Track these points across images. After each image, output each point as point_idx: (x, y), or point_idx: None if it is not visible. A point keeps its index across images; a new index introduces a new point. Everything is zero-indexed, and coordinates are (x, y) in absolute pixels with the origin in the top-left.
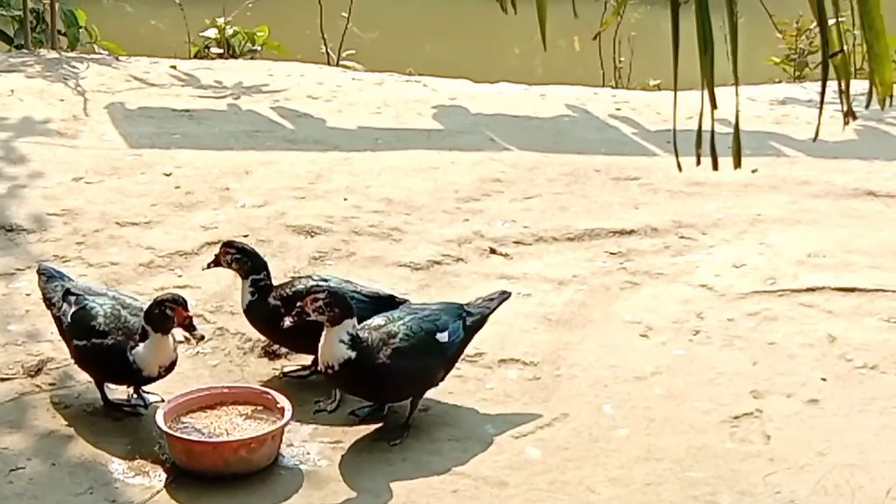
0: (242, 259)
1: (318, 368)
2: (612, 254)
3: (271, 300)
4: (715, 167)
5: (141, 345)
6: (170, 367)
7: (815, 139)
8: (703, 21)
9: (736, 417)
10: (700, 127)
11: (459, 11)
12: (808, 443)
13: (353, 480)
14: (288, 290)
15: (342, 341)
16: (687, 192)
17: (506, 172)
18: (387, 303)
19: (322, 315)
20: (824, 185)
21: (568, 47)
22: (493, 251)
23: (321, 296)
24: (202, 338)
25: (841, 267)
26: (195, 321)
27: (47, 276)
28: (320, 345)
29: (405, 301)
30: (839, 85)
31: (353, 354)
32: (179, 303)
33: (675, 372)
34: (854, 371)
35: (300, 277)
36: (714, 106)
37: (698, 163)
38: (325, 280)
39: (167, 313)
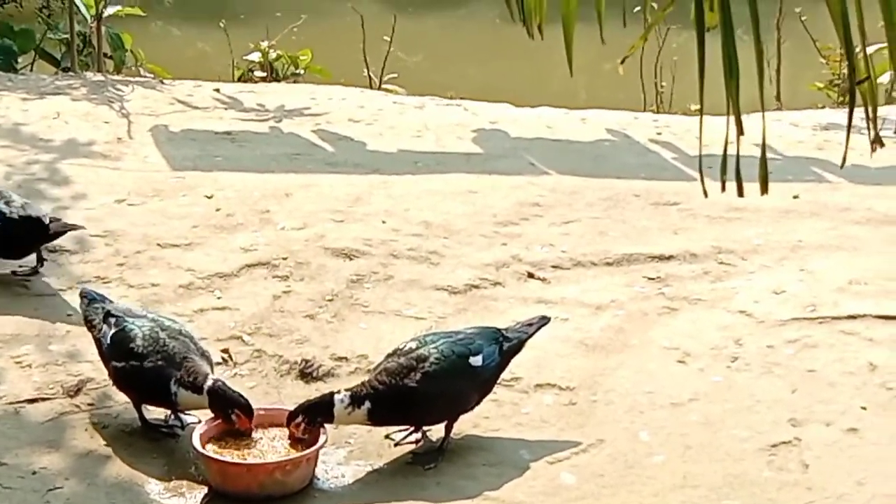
0: None
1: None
2: (650, 279)
3: None
4: (740, 194)
5: (189, 391)
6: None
7: (842, 166)
8: (728, 45)
9: (774, 445)
10: (725, 152)
11: (504, 35)
12: (847, 472)
13: None
14: None
15: (349, 413)
16: (727, 218)
17: (545, 196)
18: (36, 224)
19: (313, 429)
20: (866, 211)
21: (612, 71)
22: (530, 275)
23: (300, 419)
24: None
25: (882, 294)
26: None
27: (89, 299)
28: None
29: (57, 222)
30: (866, 112)
31: (369, 405)
32: (248, 413)
33: (713, 399)
34: (894, 400)
35: None
36: (740, 132)
37: (723, 189)
38: None
39: (231, 416)
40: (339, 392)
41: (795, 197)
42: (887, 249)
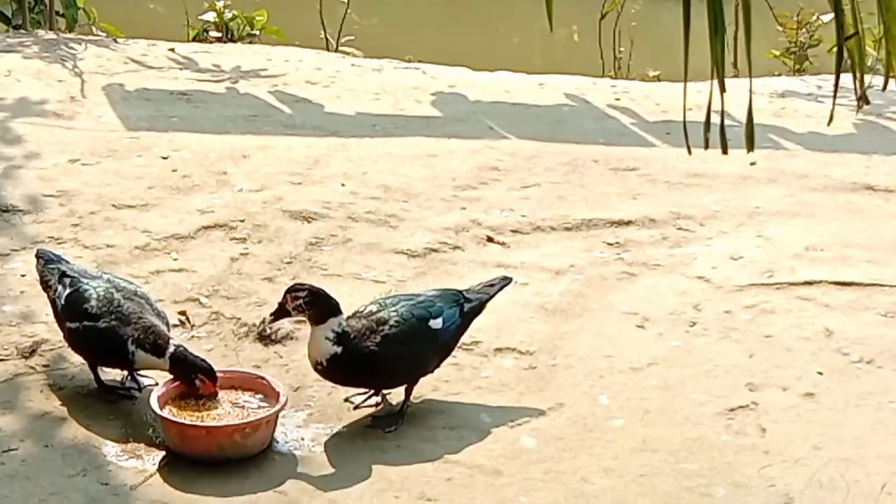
0: None
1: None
2: (609, 244)
3: None
4: (724, 151)
5: (148, 353)
6: None
7: (829, 122)
8: (715, 2)
9: (731, 410)
10: (709, 113)
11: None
12: (803, 436)
13: (347, 467)
14: None
15: (328, 339)
16: (685, 184)
17: (504, 161)
18: None
19: (302, 313)
20: (823, 178)
21: (567, 37)
22: (490, 240)
23: (301, 294)
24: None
25: (838, 261)
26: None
27: (45, 260)
28: (308, 342)
29: None
30: (853, 69)
31: (339, 350)
32: (211, 377)
33: (672, 363)
34: (850, 365)
35: None
36: (723, 89)
37: (706, 147)
38: None
39: (195, 382)
40: (343, 314)
41: (753, 164)
42: (844, 216)
